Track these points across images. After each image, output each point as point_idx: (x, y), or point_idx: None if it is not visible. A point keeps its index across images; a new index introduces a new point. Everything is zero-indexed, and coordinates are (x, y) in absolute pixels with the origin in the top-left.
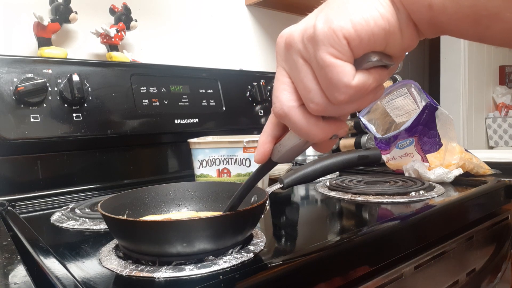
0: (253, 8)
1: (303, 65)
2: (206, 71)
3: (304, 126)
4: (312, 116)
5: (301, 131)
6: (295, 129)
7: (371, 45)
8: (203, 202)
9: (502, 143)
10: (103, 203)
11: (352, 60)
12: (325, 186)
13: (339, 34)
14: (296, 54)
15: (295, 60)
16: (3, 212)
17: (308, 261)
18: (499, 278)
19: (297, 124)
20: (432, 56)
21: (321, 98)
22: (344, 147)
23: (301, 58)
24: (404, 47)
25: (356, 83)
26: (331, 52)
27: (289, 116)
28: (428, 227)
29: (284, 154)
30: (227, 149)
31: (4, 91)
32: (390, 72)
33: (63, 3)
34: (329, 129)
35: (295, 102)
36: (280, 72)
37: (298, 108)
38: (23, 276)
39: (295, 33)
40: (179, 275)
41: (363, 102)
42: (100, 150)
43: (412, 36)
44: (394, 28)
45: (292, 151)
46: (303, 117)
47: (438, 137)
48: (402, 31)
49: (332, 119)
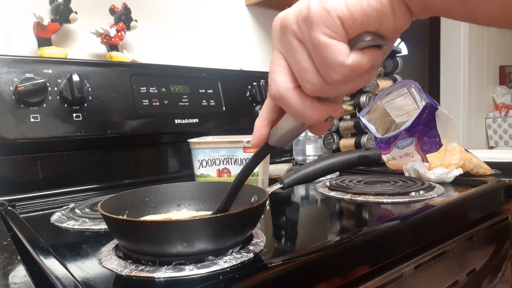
0: (253, 8)
1: (298, 46)
2: (206, 71)
3: (299, 107)
4: (307, 98)
5: (297, 113)
6: (291, 110)
7: (364, 25)
8: (203, 202)
9: (502, 143)
10: (103, 203)
11: (346, 40)
12: (325, 186)
13: (333, 14)
14: (291, 35)
15: (290, 41)
16: (3, 212)
17: (308, 261)
18: (499, 278)
19: (292, 105)
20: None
21: (317, 78)
22: (344, 147)
23: (296, 39)
24: (397, 27)
25: (350, 62)
26: (325, 32)
27: (284, 98)
28: (428, 227)
29: (280, 137)
30: (227, 149)
31: (4, 91)
32: (384, 53)
33: (63, 3)
34: (324, 111)
35: (291, 84)
36: (276, 55)
37: (294, 90)
38: (23, 276)
39: (289, 15)
40: (179, 275)
41: (358, 83)
42: (100, 150)
43: (405, 17)
44: (386, 9)
45: (289, 134)
46: (299, 98)
47: (438, 137)
48: (394, 12)
49: (327, 101)
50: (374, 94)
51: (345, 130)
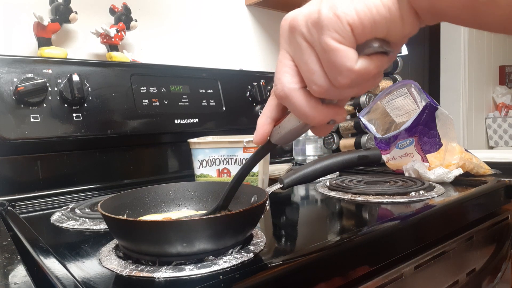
0: (253, 8)
1: (306, 48)
2: (206, 71)
3: (304, 108)
4: (312, 99)
5: (301, 113)
6: (295, 110)
7: (373, 32)
8: (203, 202)
9: (502, 143)
10: (103, 203)
11: (355, 46)
12: (325, 186)
13: (343, 20)
14: (300, 37)
15: (299, 42)
16: (3, 212)
17: (308, 261)
18: (499, 278)
19: (297, 105)
20: (432, 56)
21: (324, 81)
22: (344, 147)
23: (305, 41)
24: (405, 34)
25: (358, 68)
26: (335, 37)
27: (289, 98)
28: (428, 227)
29: (283, 136)
30: (227, 149)
31: (4, 91)
32: (390, 59)
33: (63, 3)
34: (327, 113)
35: (297, 84)
36: (283, 55)
37: (299, 90)
38: (23, 276)
39: (299, 16)
40: (179, 275)
41: (363, 88)
42: (100, 150)
43: (413, 23)
44: (395, 16)
45: (291, 133)
46: (304, 99)
47: (438, 137)
48: (403, 19)
49: (331, 104)
50: (374, 94)
51: (345, 130)
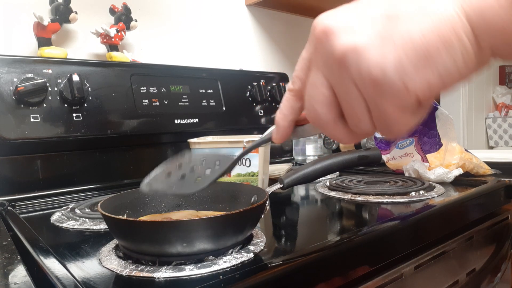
0: (253, 8)
1: (358, 96)
2: (206, 71)
3: (337, 134)
4: (347, 128)
5: (333, 136)
6: (327, 133)
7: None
8: (203, 202)
9: (502, 143)
10: (103, 203)
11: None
12: (325, 186)
13: (412, 94)
14: (350, 82)
15: (347, 85)
16: (3, 212)
17: (308, 261)
18: (499, 278)
19: (331, 133)
20: None
21: (370, 128)
22: (344, 147)
23: (357, 89)
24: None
25: (408, 129)
26: (397, 105)
27: (324, 127)
28: (428, 227)
29: (299, 136)
30: (227, 149)
31: (4, 91)
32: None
33: (63, 3)
34: (358, 138)
35: (334, 116)
36: (320, 80)
37: (337, 122)
38: (23, 276)
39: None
40: (179, 275)
41: None
42: (100, 150)
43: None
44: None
45: (311, 135)
46: (340, 129)
47: (438, 137)
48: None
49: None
50: None
51: None
